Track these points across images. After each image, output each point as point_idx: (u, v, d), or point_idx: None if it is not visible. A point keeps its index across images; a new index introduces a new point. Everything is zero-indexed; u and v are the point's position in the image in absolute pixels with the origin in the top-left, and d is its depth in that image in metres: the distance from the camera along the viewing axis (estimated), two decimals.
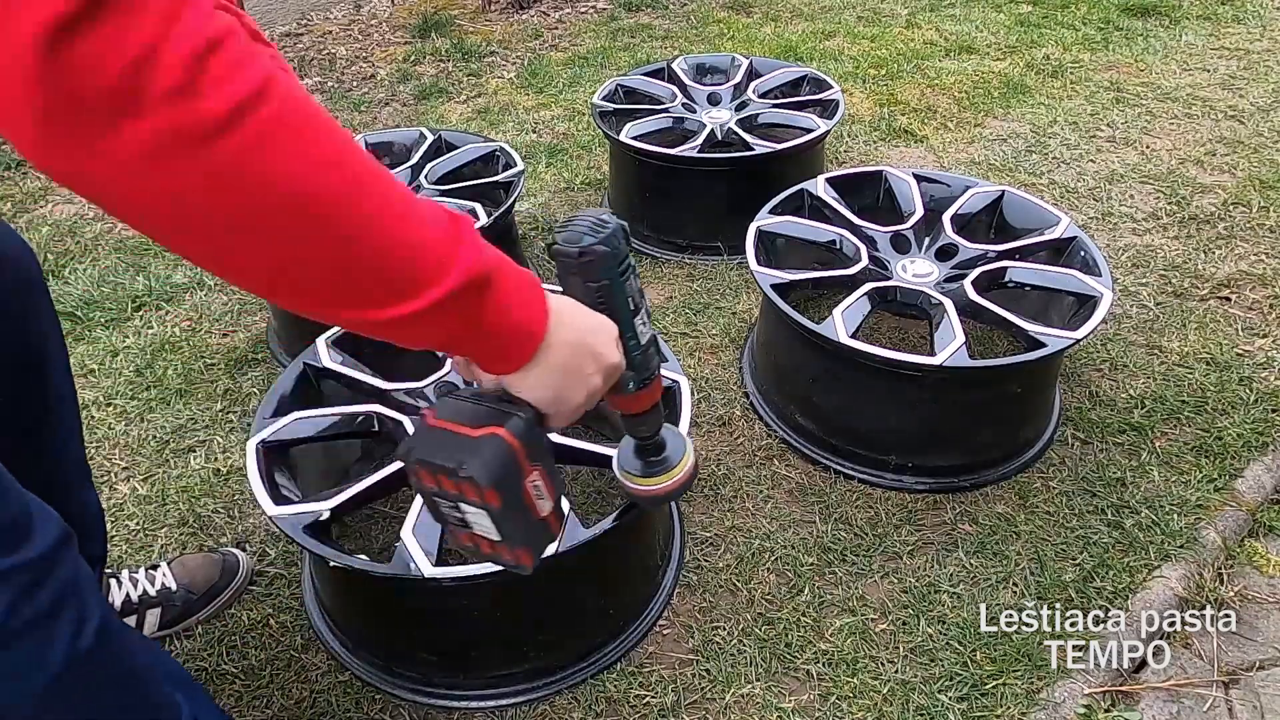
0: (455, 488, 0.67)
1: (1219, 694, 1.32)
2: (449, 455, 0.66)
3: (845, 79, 3.29)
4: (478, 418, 0.68)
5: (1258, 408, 1.78)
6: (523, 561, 0.72)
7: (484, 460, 0.65)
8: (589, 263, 0.70)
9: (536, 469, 0.70)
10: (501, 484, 0.66)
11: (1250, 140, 2.78)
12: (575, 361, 0.68)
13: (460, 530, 0.72)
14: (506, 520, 0.68)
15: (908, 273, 1.75)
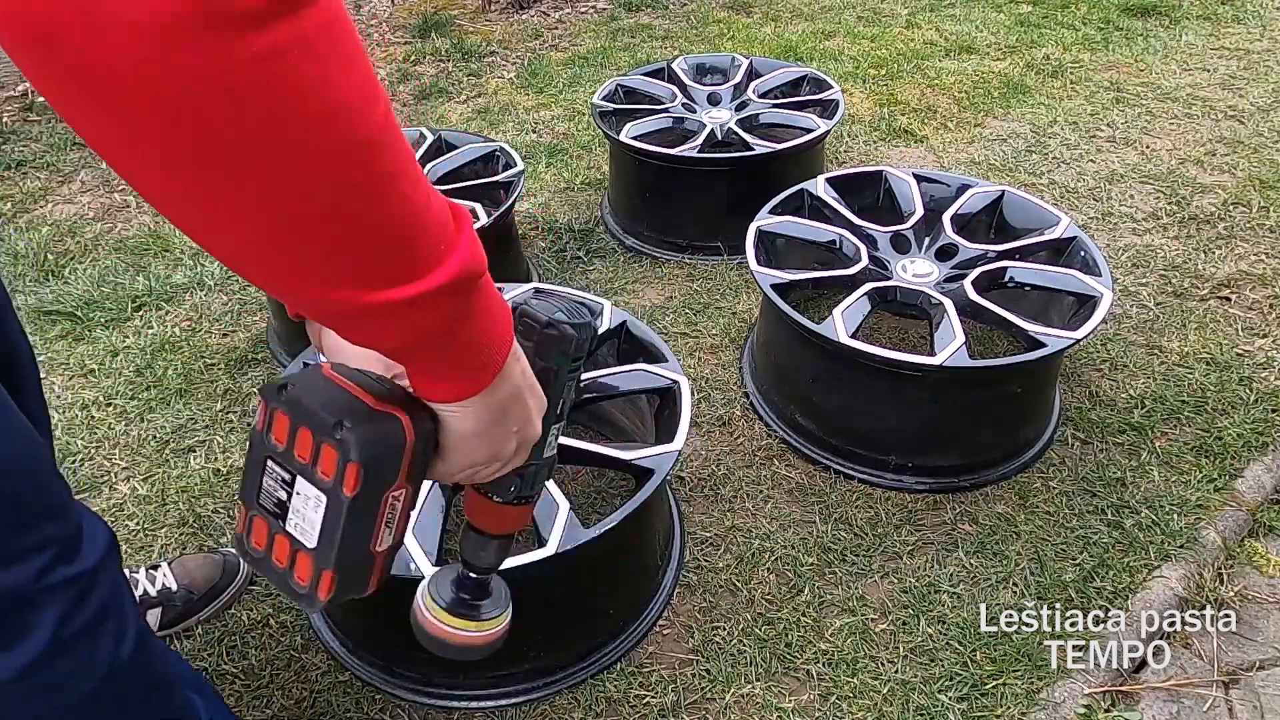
0: (311, 453, 0.55)
1: (1219, 694, 1.32)
2: (333, 409, 0.55)
3: (845, 79, 3.29)
4: (383, 392, 0.58)
5: (1258, 408, 1.78)
6: (318, 593, 0.58)
7: (370, 433, 0.54)
8: (550, 337, 0.64)
9: (406, 489, 0.59)
10: (371, 470, 0.55)
11: (1250, 140, 2.78)
12: (507, 411, 0.60)
13: (265, 519, 0.59)
14: (342, 524, 0.55)
15: (908, 273, 1.76)
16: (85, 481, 1.68)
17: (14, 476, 0.75)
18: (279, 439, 0.57)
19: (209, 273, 2.28)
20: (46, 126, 3.07)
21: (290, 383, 0.57)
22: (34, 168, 2.82)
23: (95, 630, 0.80)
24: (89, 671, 0.80)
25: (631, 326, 1.53)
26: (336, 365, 0.60)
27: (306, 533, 0.57)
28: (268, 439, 0.57)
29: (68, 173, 2.80)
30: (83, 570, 0.79)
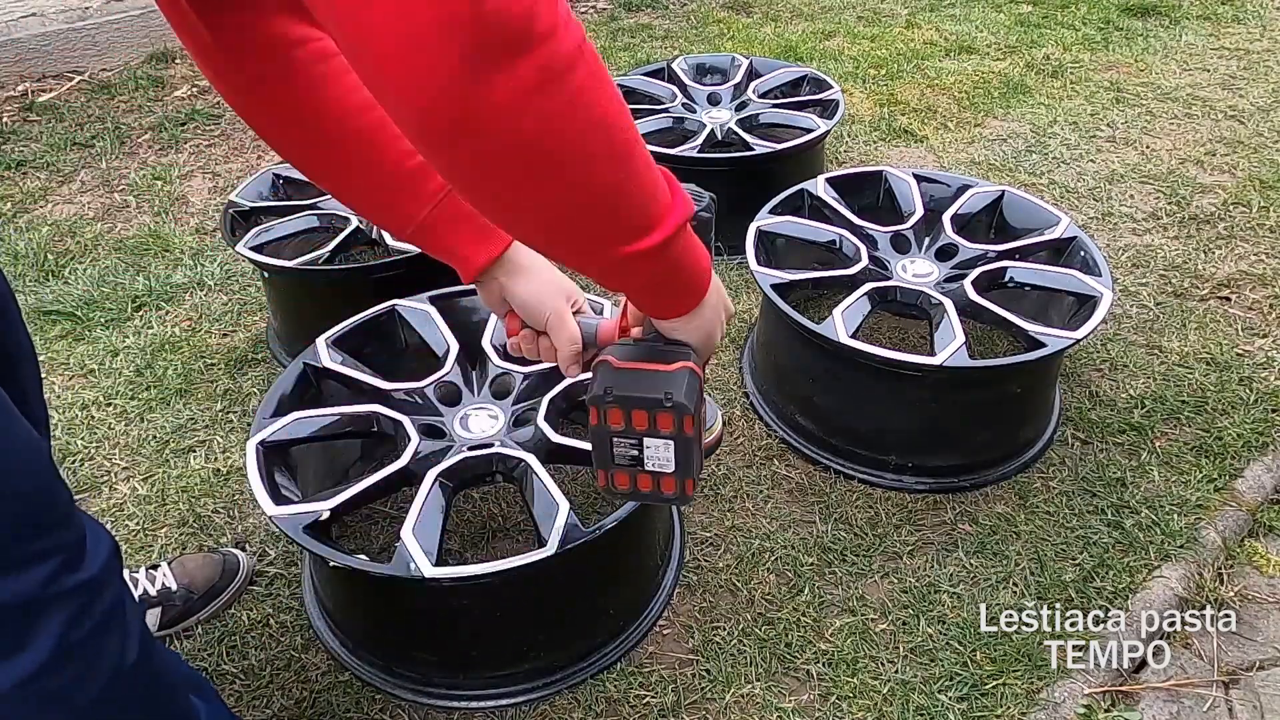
0: (648, 422, 0.74)
1: (1219, 694, 1.32)
2: (652, 388, 0.73)
3: (845, 79, 3.29)
4: (663, 356, 0.76)
5: (1258, 408, 1.78)
6: (688, 491, 0.79)
7: (685, 389, 0.73)
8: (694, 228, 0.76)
9: (705, 400, 0.80)
10: (696, 411, 0.74)
11: (1250, 140, 2.78)
12: (718, 305, 0.78)
13: (624, 470, 0.79)
14: (689, 448, 0.75)
15: (908, 273, 1.76)
16: (85, 481, 1.68)
17: (19, 481, 0.75)
18: (615, 424, 0.76)
19: (209, 273, 2.28)
20: (46, 127, 3.07)
21: (609, 387, 0.75)
22: (34, 168, 2.82)
23: (100, 637, 0.81)
24: (93, 679, 0.80)
25: None
26: (615, 351, 0.78)
27: (665, 464, 0.78)
28: (606, 426, 0.77)
29: (68, 173, 2.80)
30: (89, 577, 0.79)
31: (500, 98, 0.49)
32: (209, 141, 3.01)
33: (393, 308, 1.58)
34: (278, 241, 1.92)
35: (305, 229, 1.98)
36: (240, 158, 2.92)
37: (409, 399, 1.43)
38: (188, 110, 3.20)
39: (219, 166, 2.85)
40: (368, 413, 1.39)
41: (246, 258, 1.84)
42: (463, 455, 1.31)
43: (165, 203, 2.62)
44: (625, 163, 0.59)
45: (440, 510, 1.23)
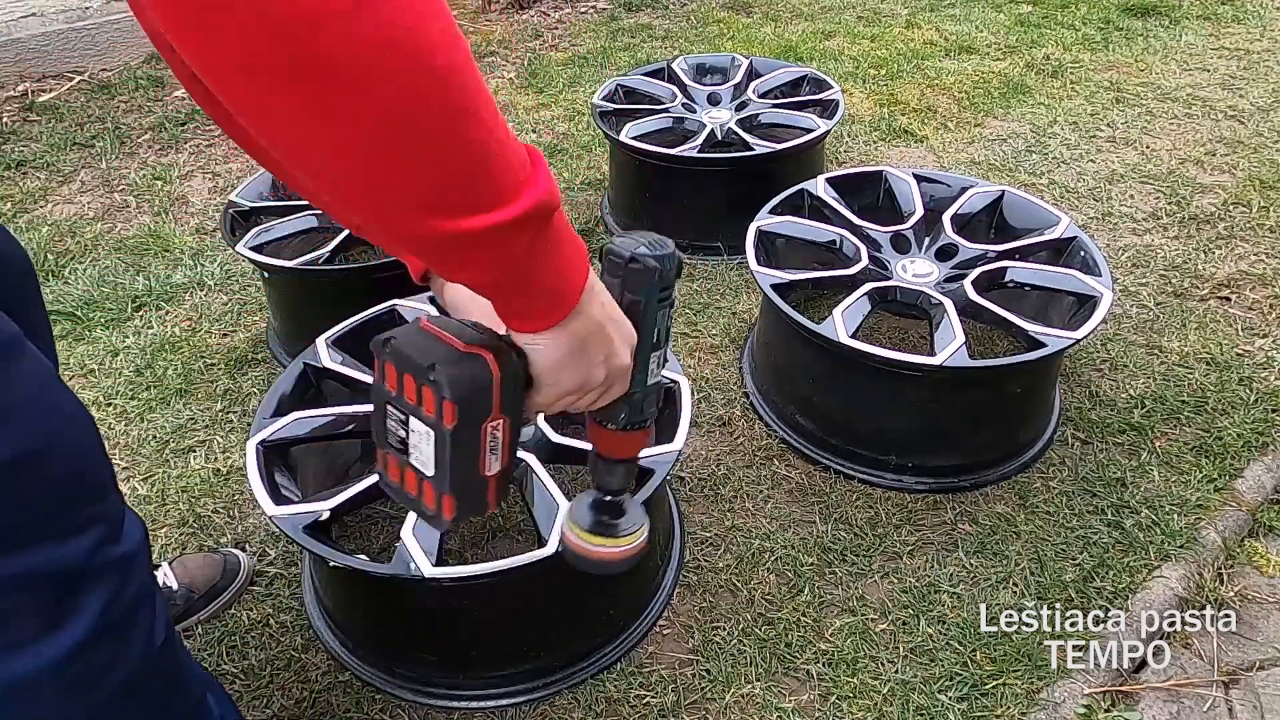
0: (415, 395, 0.63)
1: (1219, 694, 1.32)
2: (426, 355, 0.63)
3: (845, 79, 3.29)
4: (470, 336, 0.65)
5: (1258, 408, 1.78)
6: (444, 514, 0.67)
7: (459, 373, 0.62)
8: (635, 272, 0.69)
9: (503, 419, 0.66)
10: (465, 405, 0.62)
11: (1250, 140, 2.78)
12: (592, 342, 0.66)
13: (395, 455, 0.68)
14: (450, 453, 0.64)
15: (908, 273, 1.76)
16: None
17: (74, 451, 0.76)
18: (390, 386, 0.65)
19: (209, 273, 2.28)
20: (46, 127, 3.07)
21: (393, 336, 0.65)
22: (34, 168, 2.82)
23: (135, 614, 0.81)
24: (125, 661, 0.80)
25: None
26: (434, 318, 0.68)
27: (425, 464, 0.65)
28: (382, 386, 0.66)
29: (68, 173, 2.80)
30: (127, 551, 0.79)
31: None
32: (209, 141, 3.01)
33: (393, 308, 1.58)
34: (278, 241, 1.92)
35: (305, 229, 1.98)
36: (240, 158, 2.92)
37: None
38: (188, 110, 3.19)
39: (219, 166, 2.85)
40: (368, 413, 1.39)
41: (246, 258, 1.84)
42: None
43: (165, 203, 2.62)
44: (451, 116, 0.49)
45: None
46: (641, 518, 0.84)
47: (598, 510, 0.83)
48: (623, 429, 0.77)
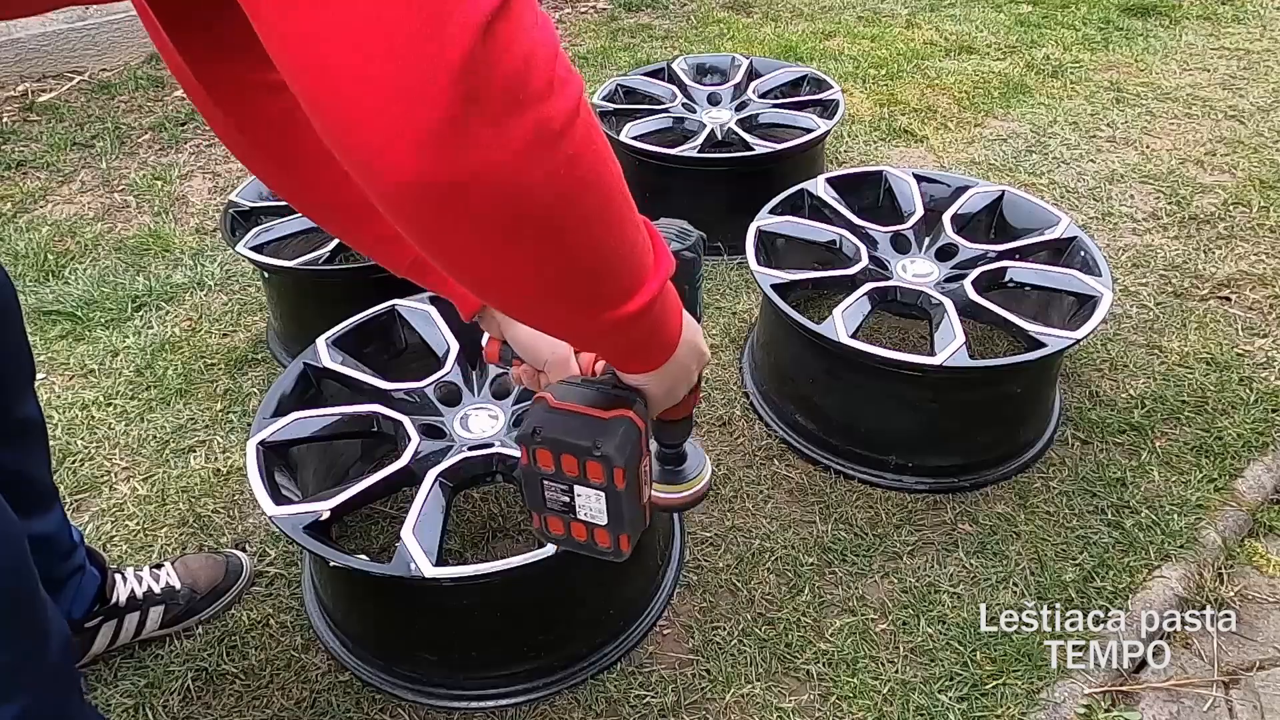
0: (578, 469, 0.69)
1: (1219, 694, 1.32)
2: (582, 435, 0.68)
3: (845, 79, 3.29)
4: (603, 400, 0.71)
5: (1258, 408, 1.78)
6: (623, 547, 0.74)
7: (619, 441, 0.68)
8: (678, 268, 0.72)
9: (648, 454, 0.74)
10: (630, 465, 0.69)
11: (1250, 140, 2.78)
12: (689, 360, 0.73)
13: (557, 515, 0.73)
14: (623, 502, 0.70)
15: (908, 273, 1.76)
16: (85, 481, 1.68)
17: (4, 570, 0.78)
18: (546, 466, 0.71)
19: (209, 273, 2.28)
20: (46, 127, 3.07)
21: (537, 427, 0.70)
22: (34, 168, 2.82)
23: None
24: None
25: None
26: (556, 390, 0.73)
27: (597, 515, 0.72)
28: (536, 468, 0.71)
29: (68, 173, 2.80)
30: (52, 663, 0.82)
31: (489, 159, 0.43)
32: (209, 141, 3.01)
33: (393, 308, 1.58)
34: (278, 241, 1.92)
35: (305, 229, 1.98)
36: None
37: (409, 399, 1.43)
38: (188, 110, 3.19)
39: (219, 166, 2.85)
40: (368, 413, 1.39)
41: (246, 258, 1.84)
42: (463, 455, 1.31)
43: (165, 203, 2.62)
44: (618, 225, 0.55)
45: (440, 510, 1.23)
46: (701, 459, 0.91)
47: (664, 461, 0.89)
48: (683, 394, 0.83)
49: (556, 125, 0.45)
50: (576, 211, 0.50)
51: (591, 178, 0.50)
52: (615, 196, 0.54)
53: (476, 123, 0.41)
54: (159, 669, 1.36)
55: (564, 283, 0.54)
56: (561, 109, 0.45)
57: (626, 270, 0.57)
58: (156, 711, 1.31)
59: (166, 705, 1.32)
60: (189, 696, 1.33)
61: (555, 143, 0.45)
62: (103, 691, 1.33)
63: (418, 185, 0.42)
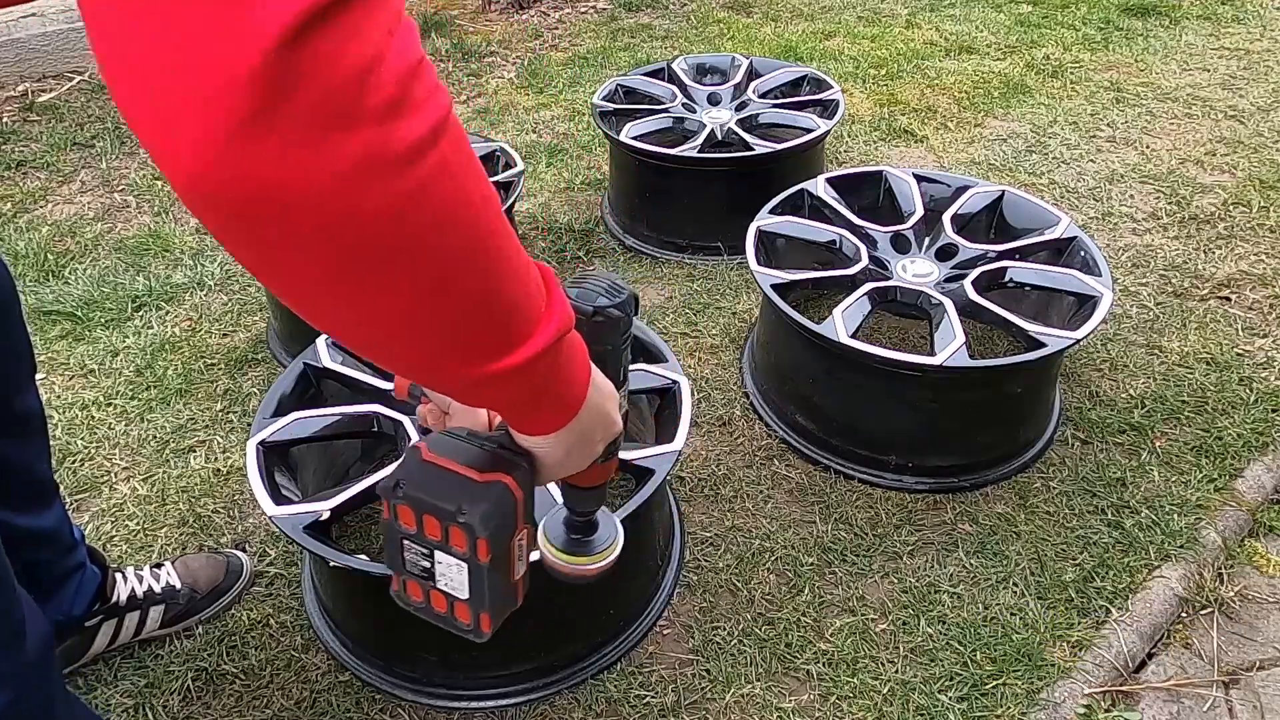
0: (441, 533, 0.62)
1: (1219, 694, 1.32)
2: (448, 496, 0.61)
3: (845, 79, 3.29)
4: (482, 460, 0.64)
5: (1258, 408, 1.78)
6: (483, 627, 0.66)
7: (487, 509, 0.61)
8: (600, 325, 0.67)
9: (526, 528, 0.66)
10: (497, 537, 0.62)
11: (1250, 140, 2.78)
12: (593, 426, 0.66)
13: (417, 581, 0.66)
14: (485, 578, 0.63)
15: (908, 273, 1.76)
16: (85, 481, 1.68)
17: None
18: (407, 524, 0.63)
19: (209, 273, 2.28)
20: (46, 127, 3.07)
21: (401, 480, 0.63)
22: (34, 168, 2.82)
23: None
24: None
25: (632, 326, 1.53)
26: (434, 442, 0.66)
27: (457, 588, 0.64)
28: (397, 525, 0.63)
29: (68, 173, 2.80)
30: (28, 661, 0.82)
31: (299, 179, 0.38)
32: None
33: None
34: None
35: None
36: None
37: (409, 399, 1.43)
38: None
39: None
40: (368, 413, 1.39)
41: None
42: None
43: (165, 203, 2.62)
44: (488, 270, 0.48)
45: None
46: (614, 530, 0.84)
47: (571, 529, 0.83)
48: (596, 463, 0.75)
49: (396, 151, 0.40)
50: (428, 250, 0.44)
51: (449, 214, 0.44)
52: (485, 237, 0.47)
53: (278, 136, 0.37)
54: (159, 669, 1.36)
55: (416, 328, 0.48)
56: (408, 133, 0.40)
57: (501, 321, 0.51)
58: (156, 711, 1.31)
59: (166, 705, 1.32)
60: (189, 696, 1.33)
61: (395, 170, 0.40)
62: (103, 691, 1.33)
63: (200, 191, 0.39)
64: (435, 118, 0.42)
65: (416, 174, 0.41)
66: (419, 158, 0.41)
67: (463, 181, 0.45)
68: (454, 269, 0.46)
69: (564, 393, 0.61)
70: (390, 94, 0.39)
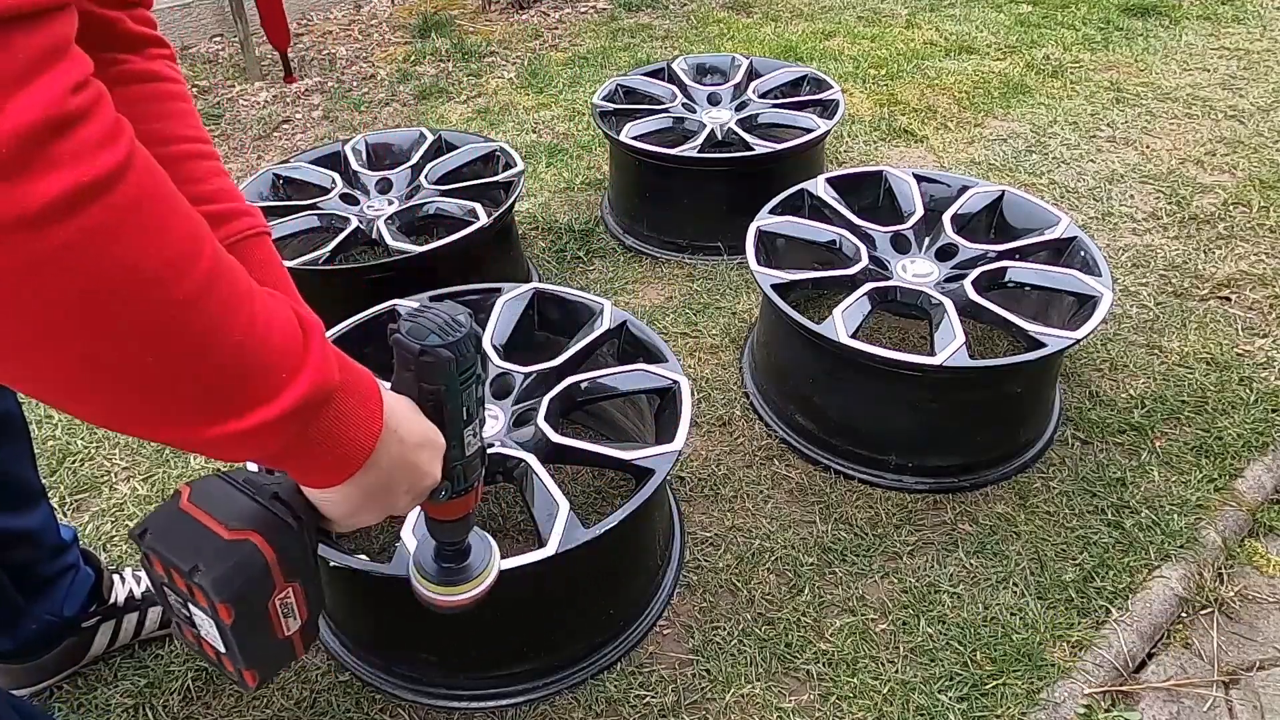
0: (185, 588, 0.58)
1: (1219, 694, 1.32)
2: (186, 552, 0.58)
3: (845, 79, 3.29)
4: (237, 514, 0.60)
5: (1258, 408, 1.78)
6: (248, 681, 0.63)
7: (225, 570, 0.57)
8: (428, 364, 0.64)
9: (292, 585, 0.62)
10: (240, 600, 0.58)
11: (1250, 140, 2.78)
12: (391, 481, 0.62)
13: (185, 626, 0.63)
14: (237, 637, 0.59)
15: (908, 273, 1.75)
16: (85, 481, 1.68)
17: None
18: (160, 572, 0.60)
19: None
20: None
21: (147, 528, 0.60)
22: None
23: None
24: None
25: (631, 326, 1.53)
26: (203, 485, 0.63)
27: (214, 641, 0.61)
28: (153, 570, 0.61)
29: None
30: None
31: None
32: None
33: (393, 308, 1.58)
34: (277, 241, 1.91)
35: (305, 229, 1.98)
36: (240, 158, 2.92)
37: None
38: None
39: None
40: None
41: None
42: None
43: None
44: (182, 338, 0.45)
45: None
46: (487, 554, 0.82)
47: (441, 559, 0.81)
48: (450, 499, 0.74)
49: (19, 215, 0.37)
50: (87, 317, 0.41)
51: (109, 281, 0.40)
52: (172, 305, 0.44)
53: None
54: (159, 669, 1.36)
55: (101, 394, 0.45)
56: (41, 195, 0.37)
57: (218, 385, 0.48)
58: (156, 711, 1.31)
59: (166, 705, 1.32)
60: (189, 696, 1.33)
61: (18, 233, 0.37)
62: (103, 691, 1.33)
63: None
64: (88, 176, 0.39)
65: (58, 236, 0.38)
66: (62, 218, 0.38)
67: (140, 246, 0.41)
68: (135, 340, 0.43)
69: (334, 449, 0.57)
70: (15, 152, 0.36)
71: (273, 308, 0.51)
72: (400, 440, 0.61)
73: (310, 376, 0.52)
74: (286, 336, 0.51)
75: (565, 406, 1.42)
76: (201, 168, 0.84)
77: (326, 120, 3.19)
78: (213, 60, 3.67)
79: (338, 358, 0.56)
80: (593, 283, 2.24)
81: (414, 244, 1.89)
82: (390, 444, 0.60)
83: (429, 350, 0.63)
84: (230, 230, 0.84)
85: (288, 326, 0.52)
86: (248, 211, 0.86)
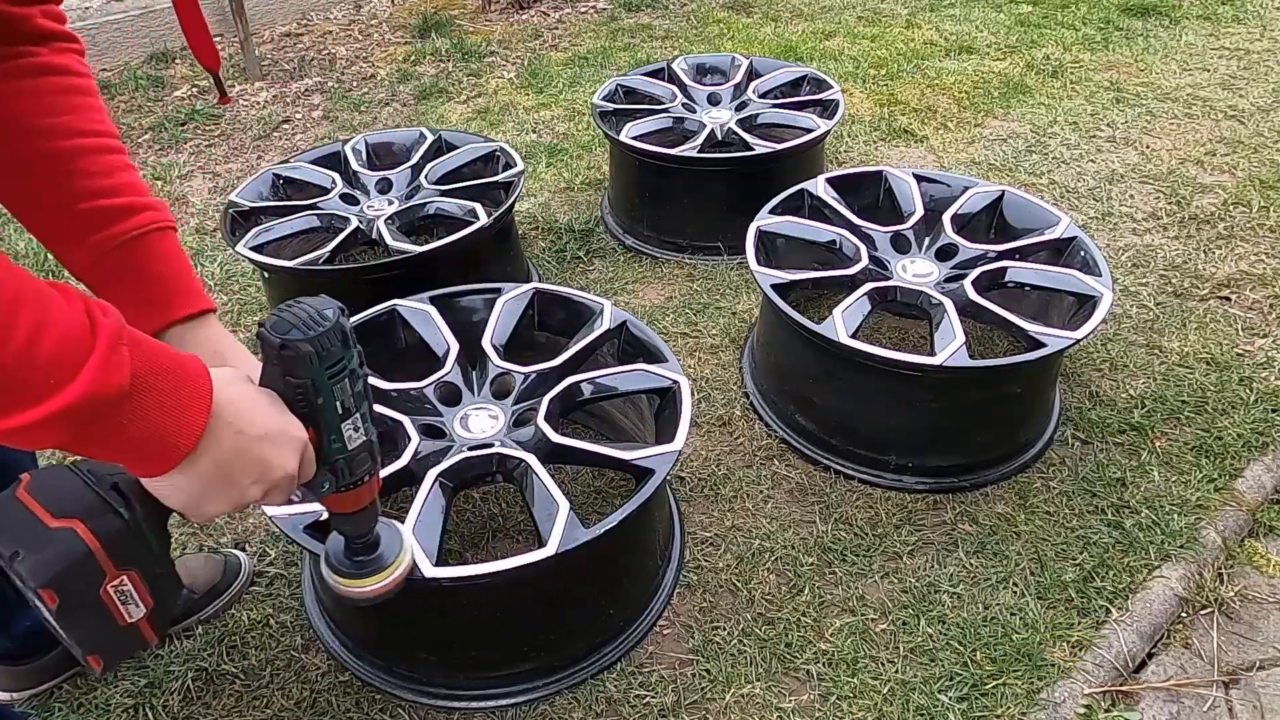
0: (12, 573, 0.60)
1: (1219, 694, 1.32)
2: (9, 539, 0.59)
3: (845, 79, 3.29)
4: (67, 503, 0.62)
5: (1258, 408, 1.78)
6: (92, 665, 0.64)
7: (44, 557, 0.59)
8: (290, 358, 0.65)
9: (126, 573, 0.63)
10: (62, 586, 0.59)
11: (1250, 140, 2.78)
12: (230, 471, 0.64)
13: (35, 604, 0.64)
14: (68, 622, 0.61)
15: (908, 273, 1.75)
16: None
17: None
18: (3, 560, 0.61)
19: (209, 273, 2.28)
20: None
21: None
22: None
23: None
24: None
25: (632, 326, 1.53)
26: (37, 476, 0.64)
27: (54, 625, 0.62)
28: None
29: None
30: None
31: None
32: (209, 141, 3.01)
33: (393, 308, 1.58)
34: (278, 241, 1.92)
35: (305, 229, 1.98)
36: (240, 158, 2.92)
37: (409, 399, 1.43)
38: (187, 110, 3.20)
39: (219, 166, 2.85)
40: None
41: (246, 258, 1.84)
42: (463, 455, 1.31)
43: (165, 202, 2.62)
44: None
45: (440, 510, 1.23)
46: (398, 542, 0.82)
47: (350, 552, 0.81)
48: (338, 491, 0.74)
49: None
50: None
51: None
52: None
53: None
54: (159, 669, 1.36)
55: None
56: None
57: None
58: (156, 711, 1.31)
59: (166, 705, 1.32)
60: (189, 696, 1.33)
61: None
62: (103, 691, 1.33)
63: None
64: None
65: None
66: None
67: None
68: None
69: (142, 442, 0.59)
70: None
71: (52, 320, 0.54)
72: (238, 432, 0.63)
73: (82, 387, 0.54)
74: (65, 342, 0.54)
75: (565, 406, 1.42)
76: (104, 161, 0.84)
77: (326, 120, 3.19)
78: None
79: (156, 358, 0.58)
80: (593, 283, 2.24)
81: (414, 244, 1.89)
82: (223, 436, 0.62)
83: (290, 344, 0.64)
84: (132, 225, 0.85)
85: (69, 328, 0.54)
86: (152, 206, 0.88)
